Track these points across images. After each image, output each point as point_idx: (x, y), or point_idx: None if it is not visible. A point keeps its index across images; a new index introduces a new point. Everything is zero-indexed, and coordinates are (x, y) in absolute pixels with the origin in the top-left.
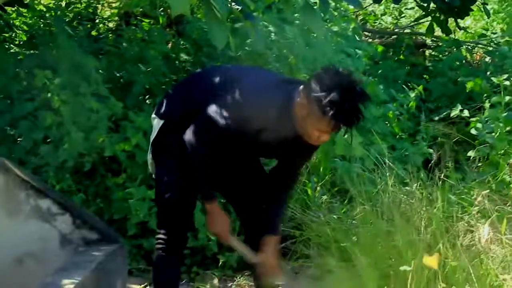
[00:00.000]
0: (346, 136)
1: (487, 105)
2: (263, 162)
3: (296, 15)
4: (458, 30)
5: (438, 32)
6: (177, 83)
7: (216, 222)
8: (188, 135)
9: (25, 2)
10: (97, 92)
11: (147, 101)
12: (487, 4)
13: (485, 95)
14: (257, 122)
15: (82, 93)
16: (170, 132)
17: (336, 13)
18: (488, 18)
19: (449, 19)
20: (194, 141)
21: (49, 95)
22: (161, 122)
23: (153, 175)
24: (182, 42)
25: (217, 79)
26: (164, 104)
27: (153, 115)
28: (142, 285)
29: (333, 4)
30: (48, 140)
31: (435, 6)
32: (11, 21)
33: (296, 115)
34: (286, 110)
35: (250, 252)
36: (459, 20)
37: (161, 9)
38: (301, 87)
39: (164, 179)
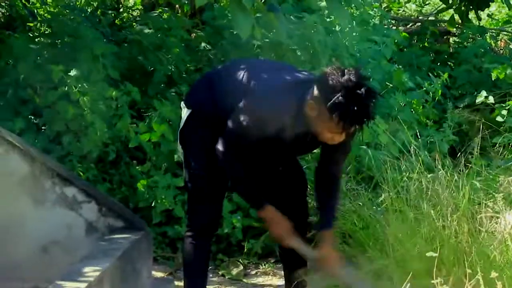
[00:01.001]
0: (360, 133)
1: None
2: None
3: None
4: (478, 20)
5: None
6: (204, 75)
7: (277, 226)
8: (220, 150)
9: None
10: (109, 77)
11: (172, 90)
12: None
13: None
14: (276, 126)
15: (94, 81)
16: (197, 121)
17: (362, 0)
18: (509, 9)
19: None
20: (227, 156)
21: (66, 88)
22: (189, 111)
23: (182, 163)
24: (203, 30)
25: (239, 79)
26: (192, 94)
27: (182, 104)
28: (167, 273)
29: None
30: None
31: None
32: (35, 11)
33: (309, 115)
34: (301, 112)
35: (310, 249)
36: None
37: None
38: (310, 89)
39: (191, 167)
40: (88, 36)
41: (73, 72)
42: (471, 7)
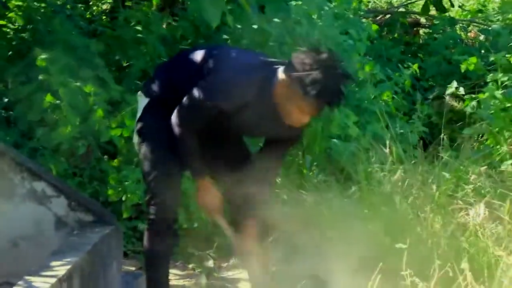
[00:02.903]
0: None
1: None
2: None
3: None
4: (452, 9)
5: (432, 11)
6: (163, 62)
7: (206, 196)
8: (174, 118)
9: None
10: (98, 76)
11: None
12: None
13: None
14: (238, 100)
15: (82, 77)
16: (154, 110)
17: None
18: None
19: None
20: (180, 124)
21: (47, 77)
22: (146, 100)
23: (138, 153)
24: (177, 23)
25: (200, 59)
26: (150, 83)
27: (139, 93)
28: (137, 267)
29: None
30: (44, 124)
31: None
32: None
33: (277, 95)
34: (267, 90)
35: (232, 232)
36: None
37: None
38: (283, 67)
39: (149, 157)
40: (65, 29)
41: (56, 62)
42: None
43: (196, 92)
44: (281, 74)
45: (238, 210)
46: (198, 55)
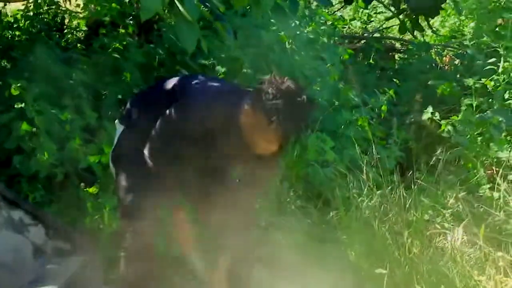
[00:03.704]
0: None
1: (463, 106)
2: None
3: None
4: (427, 33)
5: (407, 36)
6: (139, 91)
7: (180, 230)
8: (147, 150)
9: None
10: (71, 102)
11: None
12: (458, 3)
13: (452, 98)
14: (204, 124)
15: (60, 105)
16: (130, 137)
17: (307, 17)
18: (460, 15)
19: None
20: (153, 158)
21: (23, 105)
22: (121, 128)
23: (114, 181)
24: (156, 51)
25: (171, 88)
26: (126, 111)
27: (116, 121)
28: None
29: (303, 4)
30: (21, 152)
31: (405, 5)
32: None
33: (243, 124)
34: (233, 118)
35: (202, 270)
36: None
37: (130, 17)
38: (248, 95)
39: (124, 184)
40: (42, 56)
41: (32, 90)
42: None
43: (163, 120)
44: (246, 103)
45: (214, 239)
46: (170, 84)
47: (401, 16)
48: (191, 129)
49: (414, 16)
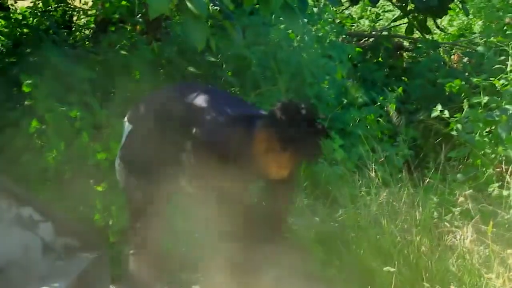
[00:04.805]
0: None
1: (466, 105)
2: None
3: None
4: (435, 31)
5: (416, 34)
6: (148, 96)
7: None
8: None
9: (5, 5)
10: (80, 100)
11: None
12: (465, 3)
13: (463, 95)
14: (220, 160)
15: (69, 102)
16: (138, 137)
17: (316, 15)
18: (467, 16)
19: (427, 19)
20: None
21: (33, 102)
22: (130, 127)
23: (121, 179)
24: (164, 48)
25: (179, 105)
26: (135, 110)
27: (125, 119)
28: None
29: (312, 3)
30: (31, 149)
31: (413, 6)
32: None
33: (256, 149)
34: (246, 145)
35: None
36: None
37: (139, 15)
38: (261, 121)
39: (132, 183)
40: (51, 54)
41: (42, 88)
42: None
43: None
44: (259, 128)
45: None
46: (184, 95)
47: (407, 19)
48: (214, 155)
49: (421, 17)
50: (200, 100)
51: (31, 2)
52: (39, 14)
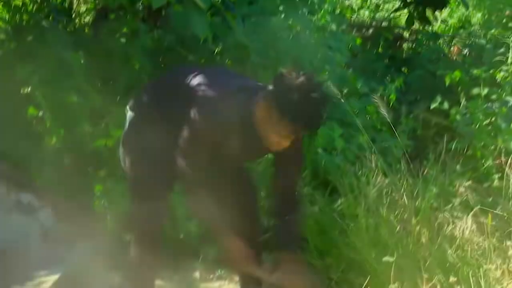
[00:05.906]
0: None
1: (463, 97)
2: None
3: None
4: (436, 22)
5: (416, 25)
6: (153, 80)
7: (231, 251)
8: (181, 166)
9: None
10: (79, 87)
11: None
12: None
13: (460, 88)
14: (224, 132)
15: (63, 87)
16: (140, 124)
17: (316, 5)
18: (467, 10)
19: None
20: (188, 164)
21: (29, 89)
22: (132, 114)
23: (123, 166)
24: (163, 36)
25: (182, 83)
26: (136, 98)
27: (127, 107)
28: (124, 278)
29: None
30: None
31: None
32: None
33: (257, 119)
34: (248, 115)
35: (267, 272)
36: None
37: (140, 2)
38: (262, 90)
39: (135, 169)
40: (51, 40)
41: (38, 75)
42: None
43: (186, 131)
44: (260, 97)
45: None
46: (183, 77)
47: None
48: (212, 132)
49: (420, 9)
50: (200, 79)
51: None
52: (38, 1)
